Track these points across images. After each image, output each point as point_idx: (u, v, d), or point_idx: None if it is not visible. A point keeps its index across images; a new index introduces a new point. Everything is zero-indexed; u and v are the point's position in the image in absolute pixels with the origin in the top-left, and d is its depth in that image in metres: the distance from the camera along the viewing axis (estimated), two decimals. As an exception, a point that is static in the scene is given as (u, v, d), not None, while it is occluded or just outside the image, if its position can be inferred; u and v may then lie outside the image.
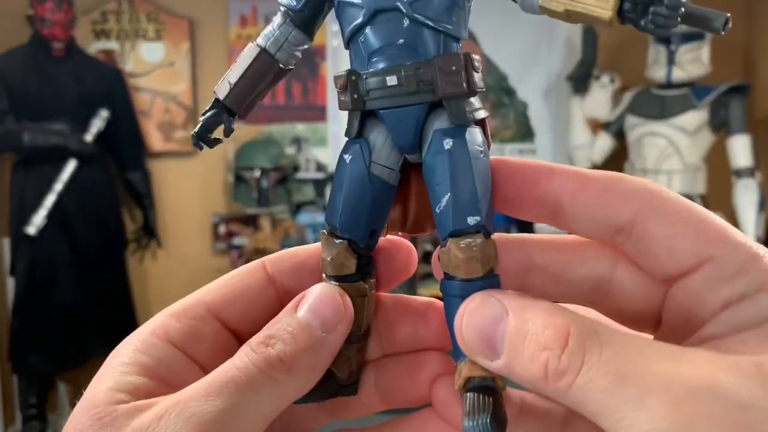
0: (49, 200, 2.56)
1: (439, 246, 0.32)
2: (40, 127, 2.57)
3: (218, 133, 0.35)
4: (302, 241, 2.96)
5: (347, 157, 0.32)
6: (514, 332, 0.26)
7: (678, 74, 2.54)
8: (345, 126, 0.32)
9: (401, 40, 0.30)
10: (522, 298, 0.27)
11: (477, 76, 0.31)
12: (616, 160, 2.81)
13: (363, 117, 0.31)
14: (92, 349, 2.71)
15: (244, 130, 3.00)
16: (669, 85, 2.57)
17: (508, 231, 2.97)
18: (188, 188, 3.07)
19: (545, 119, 3.07)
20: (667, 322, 0.29)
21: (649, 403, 0.23)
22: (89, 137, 2.63)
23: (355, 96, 0.31)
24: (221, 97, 0.34)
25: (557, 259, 0.31)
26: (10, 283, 2.74)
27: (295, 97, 3.05)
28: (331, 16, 0.33)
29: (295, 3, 0.33)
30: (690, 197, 2.54)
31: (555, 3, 0.29)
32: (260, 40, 0.34)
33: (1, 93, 2.58)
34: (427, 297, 0.35)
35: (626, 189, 0.29)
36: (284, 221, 3.01)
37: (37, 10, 2.58)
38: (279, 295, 0.33)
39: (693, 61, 2.54)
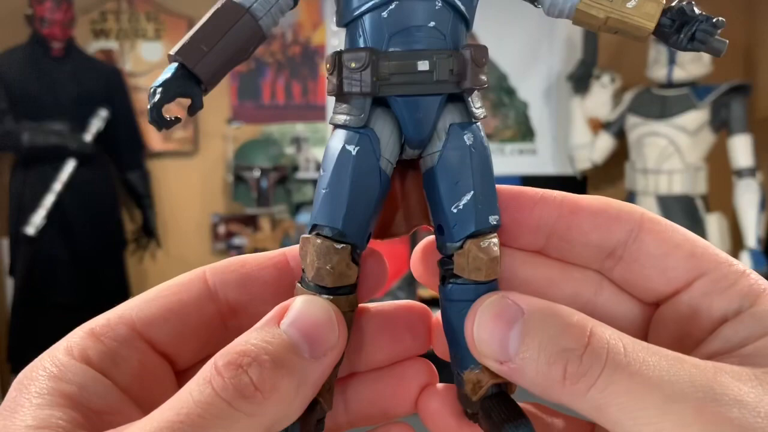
0: (48, 200, 2.55)
1: (424, 244, 0.30)
2: (39, 126, 2.57)
3: (172, 111, 0.29)
4: (302, 241, 2.95)
5: (352, 149, 0.28)
6: (531, 332, 0.25)
7: (679, 74, 2.54)
8: None
9: (432, 23, 0.28)
10: (538, 300, 0.26)
11: None
12: (617, 159, 2.81)
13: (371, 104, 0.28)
14: (91, 349, 2.71)
15: (244, 130, 2.99)
16: (670, 84, 2.56)
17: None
18: (187, 188, 3.06)
19: (545, 119, 3.07)
20: (656, 344, 0.29)
21: (675, 408, 0.22)
22: (88, 137, 2.62)
23: (375, 78, 0.28)
24: (191, 63, 0.28)
25: (542, 275, 0.30)
26: (9, 284, 2.73)
27: (294, 97, 3.04)
28: (331, 11, 0.31)
29: None
30: (691, 197, 2.54)
31: (596, 9, 0.29)
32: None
33: (0, 93, 2.57)
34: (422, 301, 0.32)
35: (618, 212, 0.29)
36: (284, 221, 3.00)
37: (36, 9, 2.57)
38: (221, 312, 0.29)
39: (694, 60, 2.54)
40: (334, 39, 2.97)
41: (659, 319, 0.29)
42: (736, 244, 2.59)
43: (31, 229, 2.53)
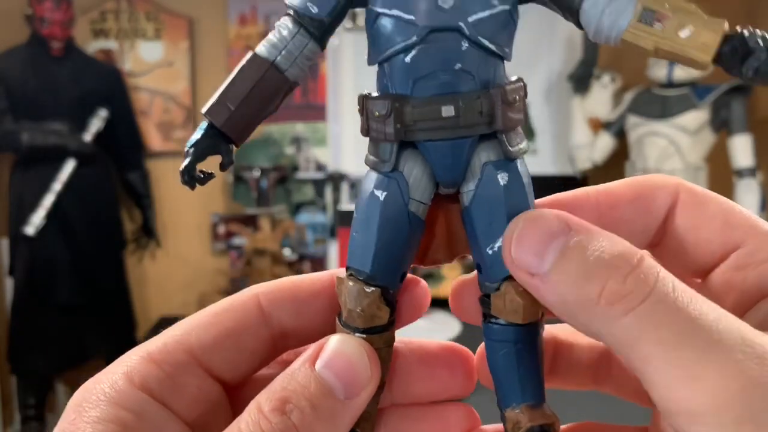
0: (48, 200, 2.55)
1: (462, 277, 0.30)
2: (38, 126, 2.56)
3: (208, 165, 0.30)
4: (302, 242, 2.95)
5: (380, 194, 0.28)
6: (574, 244, 0.23)
7: (679, 74, 2.53)
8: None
9: (459, 65, 0.27)
10: (589, 224, 0.25)
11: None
12: (617, 159, 2.81)
13: (399, 147, 0.28)
14: (91, 349, 2.70)
15: (243, 130, 2.99)
16: (670, 84, 2.56)
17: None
18: (187, 188, 3.06)
19: (546, 119, 3.07)
20: None
21: (717, 358, 0.20)
22: (88, 137, 2.62)
23: (398, 126, 0.27)
24: (219, 122, 0.29)
25: None
26: (9, 284, 2.73)
27: (294, 96, 3.03)
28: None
29: (316, 10, 0.28)
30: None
31: (645, 38, 0.27)
32: (266, 52, 0.28)
33: (0, 93, 2.57)
34: (444, 341, 0.32)
35: (653, 190, 0.28)
36: (284, 221, 3.00)
37: (35, 9, 2.57)
38: (273, 337, 0.29)
39: (694, 60, 2.54)
40: (334, 39, 2.96)
41: (703, 294, 0.28)
42: (736, 244, 2.58)
43: (30, 229, 2.53)
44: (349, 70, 2.94)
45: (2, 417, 2.81)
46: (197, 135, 0.29)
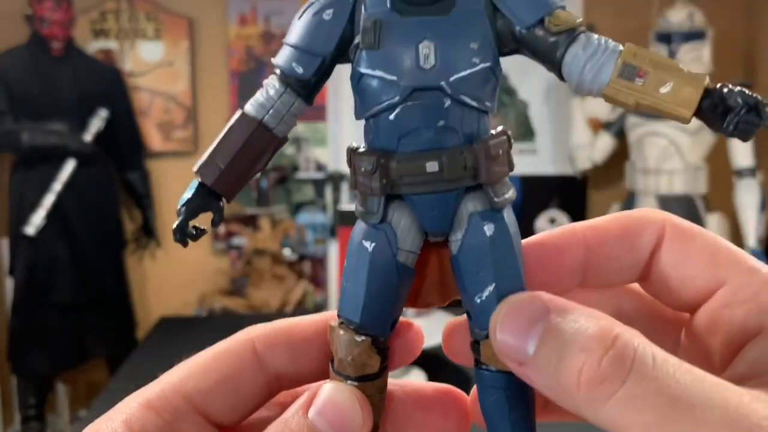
0: (48, 200, 2.55)
1: (453, 320, 0.30)
2: (39, 126, 2.56)
3: (201, 221, 0.30)
4: (302, 242, 2.95)
5: (368, 245, 0.28)
6: (551, 330, 0.23)
7: (679, 74, 2.53)
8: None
9: (442, 122, 0.27)
10: (567, 301, 0.25)
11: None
12: (617, 159, 2.81)
13: (386, 199, 0.28)
14: (91, 349, 2.71)
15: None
16: (670, 84, 2.56)
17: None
18: (187, 188, 3.06)
19: (546, 119, 3.07)
20: (684, 357, 0.29)
21: None
22: (88, 137, 2.62)
23: (384, 181, 0.28)
24: (209, 181, 0.29)
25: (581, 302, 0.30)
26: (9, 284, 2.73)
27: (294, 96, 3.04)
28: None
29: (302, 71, 0.29)
30: (691, 197, 2.54)
31: (625, 94, 0.27)
32: (254, 111, 0.29)
33: (0, 93, 2.57)
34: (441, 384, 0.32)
35: (640, 226, 0.28)
36: (284, 221, 3.00)
37: (35, 9, 2.57)
38: (268, 381, 0.29)
39: (694, 60, 2.54)
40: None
41: (687, 332, 0.28)
42: (736, 244, 2.58)
43: (31, 229, 2.53)
44: (349, 70, 2.94)
45: (2, 417, 2.81)
46: (188, 194, 0.30)
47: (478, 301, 0.28)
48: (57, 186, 2.56)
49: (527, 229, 2.73)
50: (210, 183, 0.29)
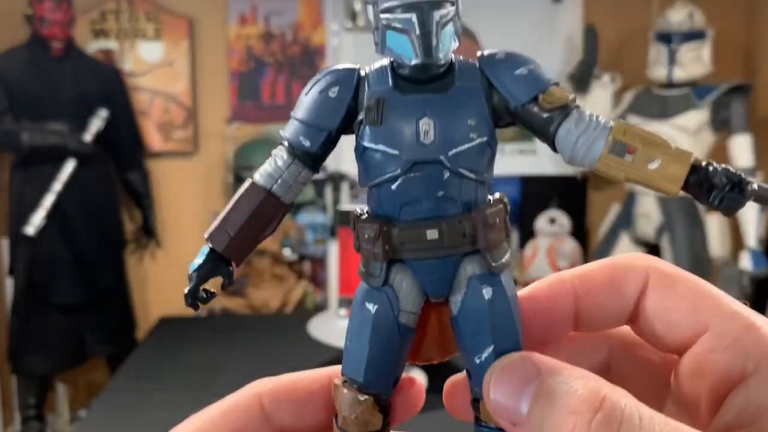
0: (48, 200, 2.55)
1: (454, 378, 0.31)
2: (39, 126, 2.56)
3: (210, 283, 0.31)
4: (302, 242, 2.95)
5: (371, 307, 0.30)
6: (542, 391, 0.24)
7: (679, 74, 2.53)
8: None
9: (441, 193, 0.29)
10: (557, 362, 0.26)
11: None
12: (617, 159, 2.80)
13: (389, 263, 0.30)
14: (91, 349, 2.71)
15: (243, 130, 2.99)
16: (670, 84, 2.56)
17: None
18: (187, 188, 3.06)
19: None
20: (674, 399, 0.29)
21: None
22: (88, 137, 2.62)
23: (386, 247, 0.29)
24: (219, 248, 0.31)
25: (569, 349, 0.31)
26: (9, 284, 2.73)
27: (294, 96, 3.04)
28: (331, 11, 0.31)
29: (308, 144, 0.31)
30: (691, 198, 2.54)
31: (616, 169, 0.29)
32: (263, 180, 0.31)
33: (0, 93, 2.57)
34: None
35: (625, 273, 0.29)
36: (283, 221, 3.00)
37: (35, 9, 2.57)
38: None
39: (694, 60, 2.54)
40: (335, 39, 2.97)
41: (676, 375, 0.29)
42: (736, 244, 2.58)
43: (31, 229, 2.53)
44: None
45: (2, 417, 2.81)
46: (199, 259, 0.31)
47: (477, 362, 0.29)
48: (57, 186, 2.56)
49: (527, 229, 2.72)
50: (220, 250, 0.31)
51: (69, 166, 2.58)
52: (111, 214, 2.84)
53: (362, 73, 0.31)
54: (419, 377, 0.32)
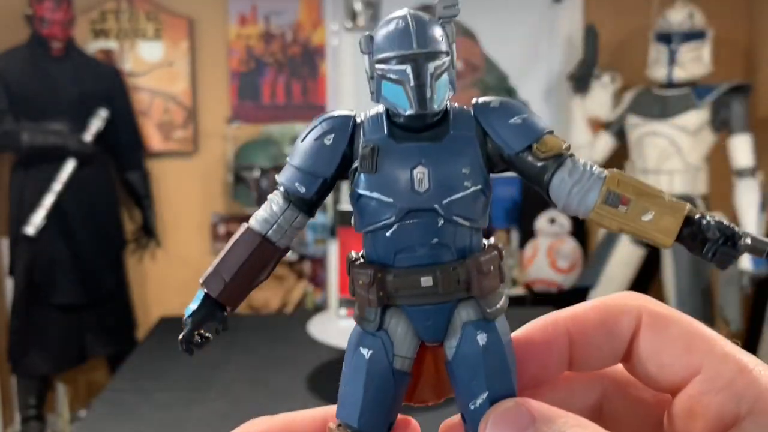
0: (48, 200, 2.55)
1: (449, 420, 0.31)
2: (39, 126, 2.56)
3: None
4: (302, 242, 2.95)
5: (366, 352, 0.30)
6: None
7: (679, 74, 2.53)
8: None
9: (435, 240, 0.29)
10: (551, 409, 0.26)
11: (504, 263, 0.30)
12: (617, 159, 2.81)
13: (383, 308, 0.30)
14: (91, 349, 2.70)
15: (244, 130, 2.99)
16: (670, 84, 2.56)
17: (508, 232, 2.96)
18: (187, 188, 3.06)
19: (546, 119, 3.05)
20: None
21: None
22: (88, 137, 2.62)
23: (381, 294, 0.29)
24: (214, 294, 0.31)
25: (550, 400, 0.31)
26: (9, 284, 2.73)
27: (294, 96, 3.04)
28: (331, 11, 0.31)
29: (303, 191, 0.31)
30: (691, 197, 2.54)
31: (609, 220, 0.29)
32: (258, 226, 0.31)
33: (0, 93, 2.57)
34: None
35: (618, 314, 0.29)
36: (284, 221, 3.00)
37: (35, 9, 2.57)
38: None
39: (694, 60, 2.54)
40: (334, 39, 2.97)
41: (669, 415, 0.29)
42: (736, 244, 2.58)
43: (31, 229, 2.53)
44: (349, 70, 2.94)
45: (2, 417, 2.81)
46: (194, 305, 0.31)
47: (472, 407, 0.29)
48: (57, 186, 2.56)
49: (527, 229, 2.71)
50: (215, 295, 0.31)
51: (69, 166, 2.58)
52: (111, 214, 2.84)
53: (358, 120, 0.31)
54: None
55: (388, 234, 0.29)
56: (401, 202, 0.29)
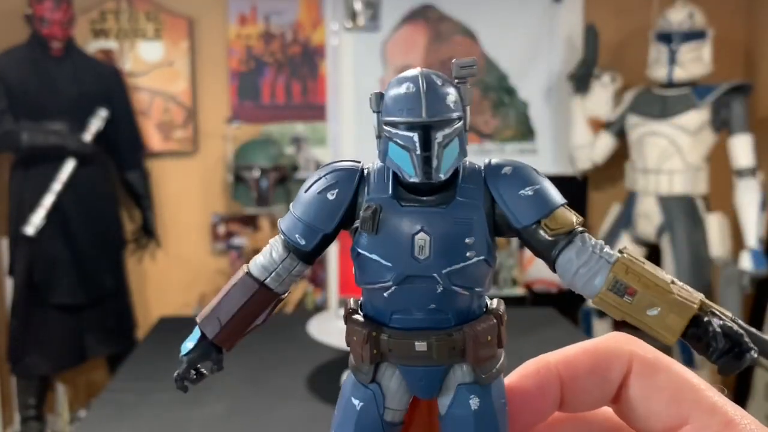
0: (48, 200, 2.55)
1: None
2: (38, 126, 2.56)
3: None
4: (302, 241, 2.95)
5: (357, 403, 0.30)
6: None
7: (679, 73, 2.53)
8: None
9: (433, 306, 0.29)
10: None
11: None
12: (617, 159, 2.81)
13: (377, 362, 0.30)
14: (90, 349, 2.70)
15: (244, 130, 2.99)
16: (670, 84, 2.56)
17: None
18: (187, 188, 3.06)
19: (546, 119, 3.06)
20: None
21: None
22: (88, 137, 2.62)
23: (375, 351, 0.29)
24: (210, 335, 0.31)
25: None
26: (9, 284, 2.73)
27: (294, 96, 3.04)
28: (331, 11, 0.31)
29: (303, 243, 0.31)
30: (691, 197, 2.53)
31: (613, 308, 0.28)
32: (257, 271, 0.31)
33: (0, 93, 2.57)
34: None
35: (608, 360, 0.29)
36: (284, 221, 3.00)
37: (35, 9, 2.57)
38: None
39: (694, 60, 2.53)
40: (334, 39, 2.96)
41: None
42: (736, 244, 2.58)
43: (30, 229, 2.53)
44: (349, 70, 2.94)
45: (2, 417, 2.81)
46: (190, 344, 0.31)
47: None
48: (57, 186, 2.56)
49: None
50: (211, 337, 0.31)
51: (69, 166, 2.58)
52: (111, 214, 2.84)
53: (365, 172, 0.30)
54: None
55: (385, 294, 0.29)
56: (399, 267, 0.29)
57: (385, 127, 0.29)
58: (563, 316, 2.26)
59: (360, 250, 0.30)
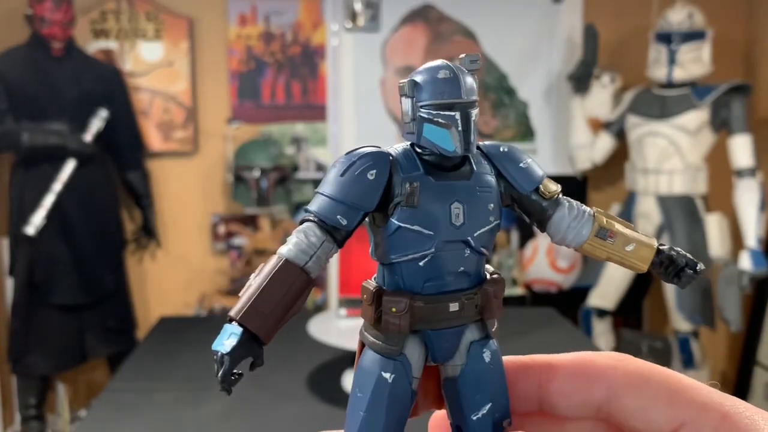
0: (48, 200, 2.55)
1: (435, 421, 0.34)
2: (39, 127, 2.57)
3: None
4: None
5: (389, 376, 0.32)
6: None
7: (679, 74, 2.53)
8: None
9: (462, 268, 0.33)
10: None
11: None
12: (617, 159, 2.81)
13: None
14: (91, 349, 2.71)
15: (244, 131, 2.99)
16: (670, 84, 2.56)
17: (508, 232, 2.96)
18: (187, 188, 3.06)
19: (545, 119, 3.07)
20: None
21: None
22: (88, 137, 2.62)
23: (412, 320, 0.32)
24: (259, 330, 0.31)
25: None
26: (9, 284, 2.73)
27: (294, 96, 3.04)
28: (331, 11, 0.32)
29: (345, 223, 0.32)
30: (691, 197, 2.53)
31: (600, 250, 0.35)
32: (296, 257, 0.32)
33: (0, 93, 2.57)
34: None
35: (594, 370, 0.30)
36: (283, 221, 3.00)
37: (36, 9, 2.57)
38: None
39: (694, 60, 2.54)
40: (334, 39, 2.97)
41: None
42: (736, 244, 2.58)
43: (31, 229, 2.53)
44: (349, 70, 2.94)
45: (2, 417, 2.81)
46: (232, 341, 0.30)
47: (474, 418, 0.32)
48: (57, 186, 2.56)
49: (527, 229, 2.70)
50: (256, 330, 0.31)
51: (69, 166, 2.58)
52: (111, 214, 2.84)
53: (391, 156, 0.33)
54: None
55: (421, 263, 0.32)
56: (441, 234, 0.32)
57: (422, 110, 0.32)
58: (563, 316, 2.26)
59: (401, 224, 0.32)
